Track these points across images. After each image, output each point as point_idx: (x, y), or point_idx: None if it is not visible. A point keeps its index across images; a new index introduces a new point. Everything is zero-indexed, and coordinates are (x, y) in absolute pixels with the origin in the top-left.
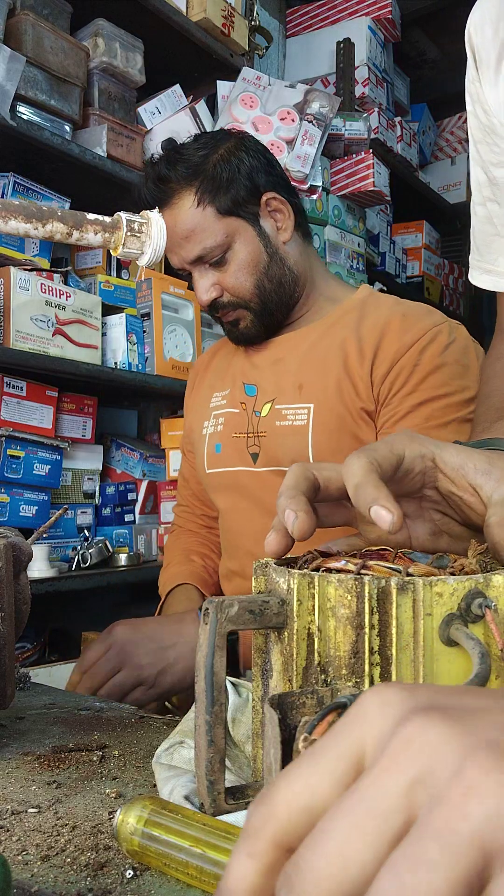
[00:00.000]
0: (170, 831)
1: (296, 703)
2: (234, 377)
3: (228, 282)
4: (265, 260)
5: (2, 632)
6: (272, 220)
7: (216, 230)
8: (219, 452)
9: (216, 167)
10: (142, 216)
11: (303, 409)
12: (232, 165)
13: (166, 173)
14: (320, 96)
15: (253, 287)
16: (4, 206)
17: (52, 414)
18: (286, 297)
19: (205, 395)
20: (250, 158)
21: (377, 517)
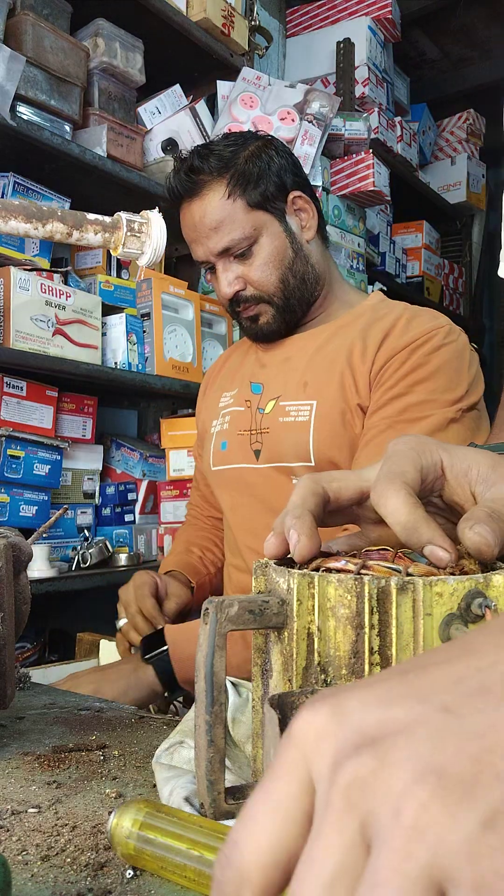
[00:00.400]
0: (166, 834)
1: (296, 703)
2: (243, 377)
3: (253, 275)
4: (290, 255)
5: (2, 632)
6: (297, 218)
7: (245, 222)
8: (224, 450)
9: (247, 162)
10: (142, 216)
11: (306, 405)
12: (262, 161)
13: (199, 165)
14: (320, 96)
15: (278, 281)
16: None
17: (52, 414)
18: (308, 293)
19: (215, 396)
20: (279, 158)
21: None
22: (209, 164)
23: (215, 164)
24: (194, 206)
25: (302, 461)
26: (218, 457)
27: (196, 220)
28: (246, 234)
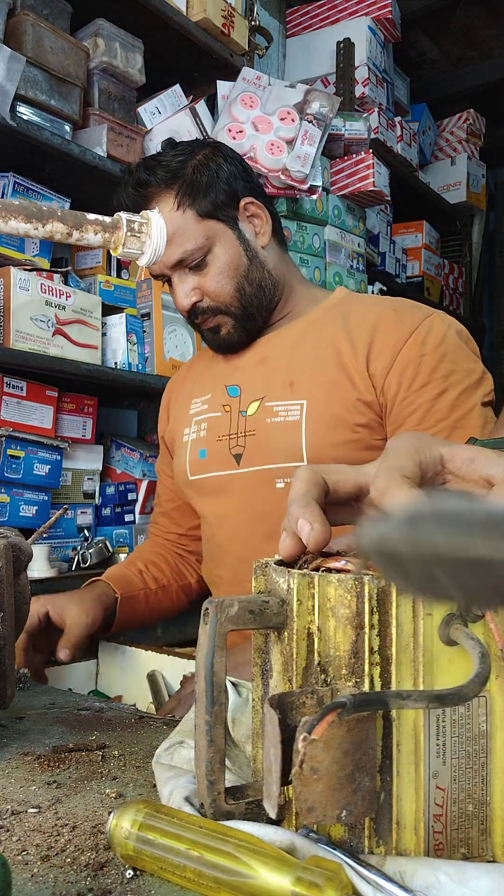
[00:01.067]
0: (165, 835)
1: (296, 703)
2: (215, 382)
3: (209, 285)
4: (245, 263)
5: (2, 632)
6: (251, 224)
7: (196, 233)
8: (203, 458)
9: (195, 171)
10: (142, 216)
11: (295, 405)
12: (210, 170)
13: (146, 178)
14: (320, 96)
15: (234, 290)
16: (4, 206)
17: (52, 414)
18: (266, 300)
19: (183, 403)
20: (228, 165)
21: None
22: (156, 176)
23: (162, 175)
24: None
25: (293, 461)
26: (196, 465)
27: None
28: (198, 244)
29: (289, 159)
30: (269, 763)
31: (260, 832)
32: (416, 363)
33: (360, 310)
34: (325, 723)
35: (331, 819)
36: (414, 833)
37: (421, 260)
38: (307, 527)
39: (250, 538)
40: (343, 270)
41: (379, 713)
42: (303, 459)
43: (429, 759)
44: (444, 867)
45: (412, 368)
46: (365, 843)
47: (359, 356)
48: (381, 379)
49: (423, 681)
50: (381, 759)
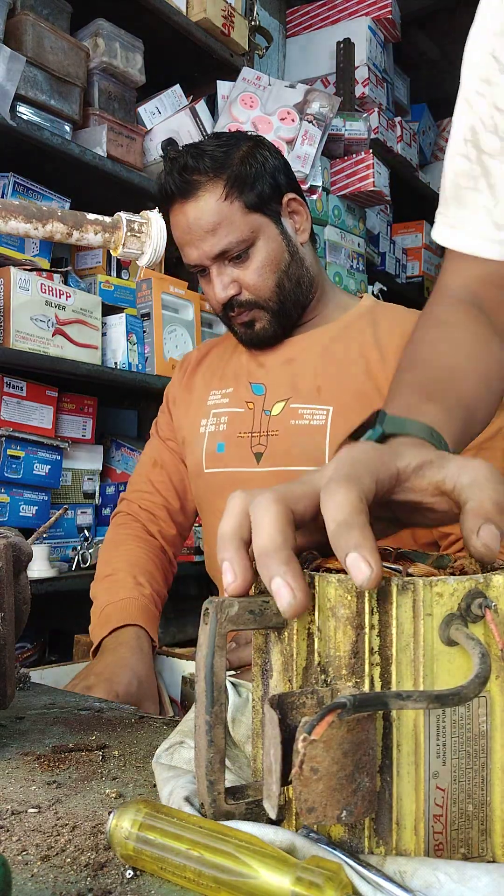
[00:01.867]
0: (165, 835)
1: (296, 704)
2: (238, 376)
3: (249, 279)
4: (286, 259)
5: (2, 632)
6: (292, 220)
7: (242, 225)
8: (221, 452)
9: (243, 163)
10: (142, 216)
11: (321, 409)
12: (258, 162)
13: (194, 165)
14: (320, 96)
15: (274, 285)
16: (4, 206)
17: (52, 414)
18: (303, 297)
19: (200, 392)
20: (272, 158)
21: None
22: (204, 163)
23: (210, 164)
24: (188, 208)
25: (315, 465)
26: (213, 459)
27: (190, 221)
28: (243, 237)
29: (289, 159)
30: (269, 763)
31: (260, 832)
32: None
33: (390, 319)
34: (325, 723)
35: (331, 819)
36: (414, 833)
37: (421, 260)
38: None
39: None
40: (343, 270)
41: (379, 713)
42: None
43: (429, 759)
44: (444, 867)
45: None
46: (365, 844)
47: (388, 366)
48: None
49: (424, 681)
50: (381, 759)
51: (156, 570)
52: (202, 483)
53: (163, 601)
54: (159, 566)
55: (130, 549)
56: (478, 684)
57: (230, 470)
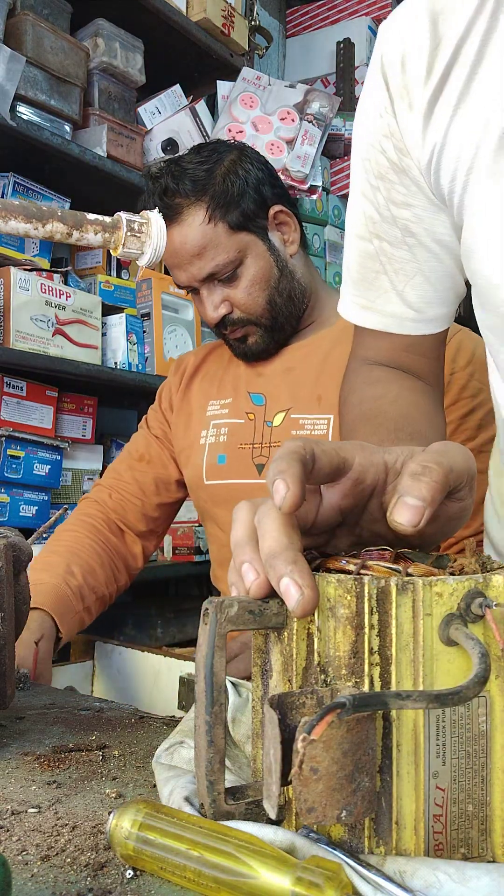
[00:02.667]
0: (165, 834)
1: (296, 704)
2: (237, 386)
3: (240, 298)
4: (276, 275)
5: (2, 632)
6: (279, 233)
7: (228, 246)
8: (222, 464)
9: (225, 181)
10: (142, 216)
11: (322, 419)
12: (240, 178)
13: (173, 188)
14: (320, 96)
15: (265, 303)
16: (4, 206)
17: (52, 414)
18: (296, 310)
19: (199, 401)
20: (256, 170)
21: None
22: (184, 186)
23: (191, 186)
24: (173, 232)
25: None
26: (214, 471)
27: (176, 246)
28: (230, 258)
29: (289, 159)
30: (268, 763)
31: (260, 832)
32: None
33: None
34: (324, 723)
35: (331, 819)
36: (414, 833)
37: None
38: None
39: None
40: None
41: (379, 713)
42: None
43: (429, 759)
44: (444, 867)
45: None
46: (365, 844)
47: None
48: None
49: (423, 681)
50: (381, 759)
51: (98, 567)
52: (203, 494)
53: (99, 597)
54: (105, 563)
55: (80, 538)
56: (477, 684)
57: (232, 482)
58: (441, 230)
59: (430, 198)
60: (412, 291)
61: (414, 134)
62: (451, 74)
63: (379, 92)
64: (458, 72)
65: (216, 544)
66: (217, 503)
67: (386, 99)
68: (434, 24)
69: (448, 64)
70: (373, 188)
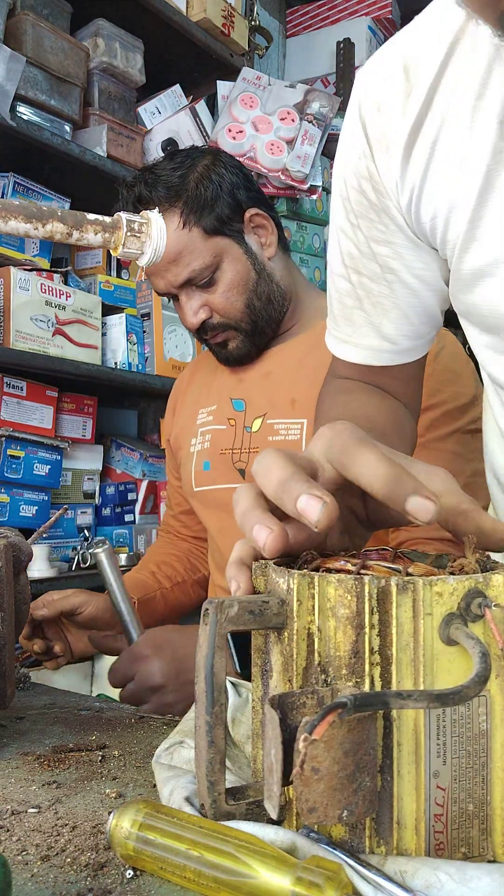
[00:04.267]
0: (166, 834)
1: (296, 704)
2: (220, 392)
3: (218, 302)
4: (253, 278)
5: (2, 632)
6: (256, 236)
7: (204, 251)
8: (207, 470)
9: (198, 186)
10: (142, 216)
11: (296, 424)
12: (213, 183)
13: (147, 196)
14: (320, 96)
15: (243, 306)
16: (4, 206)
17: (52, 414)
18: (275, 314)
19: (189, 411)
20: (230, 175)
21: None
22: (157, 193)
23: (164, 192)
24: None
25: None
26: (200, 477)
27: None
28: (206, 262)
29: (289, 159)
30: (269, 763)
31: (260, 832)
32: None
33: None
34: (325, 723)
35: (332, 819)
36: (415, 833)
37: None
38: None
39: None
40: None
41: (379, 713)
42: None
43: (429, 758)
44: (445, 867)
45: None
46: (366, 843)
47: None
48: None
49: (424, 680)
50: (382, 758)
51: (171, 559)
52: (194, 501)
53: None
54: (182, 558)
55: (153, 550)
56: (478, 683)
57: (216, 487)
58: (420, 266)
59: (410, 236)
60: (389, 325)
61: (393, 176)
62: (426, 118)
63: (357, 136)
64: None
65: (209, 549)
66: (206, 508)
67: (364, 143)
68: (406, 72)
69: (422, 108)
70: (353, 226)
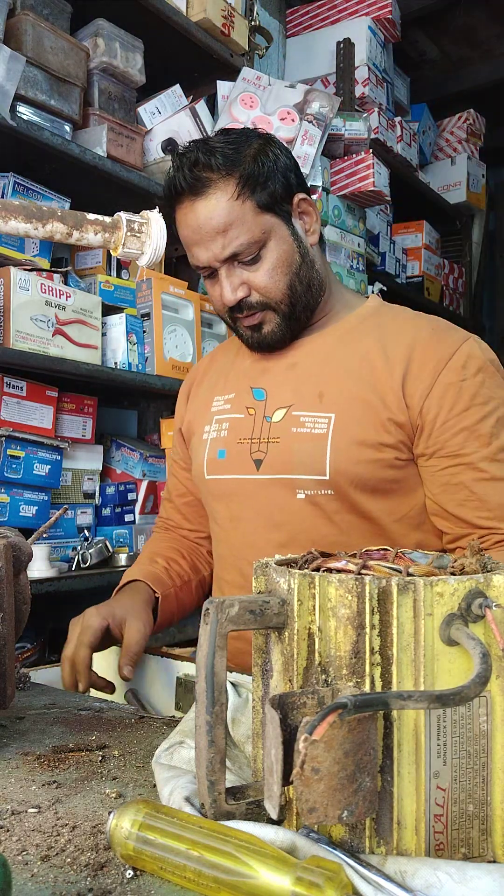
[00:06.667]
0: (165, 835)
1: (297, 704)
2: (239, 381)
3: (260, 281)
4: (297, 261)
5: (2, 632)
6: (302, 221)
7: (254, 226)
8: (222, 458)
9: (255, 160)
10: (142, 216)
11: (323, 417)
12: (269, 161)
13: (205, 161)
14: (320, 96)
15: (286, 287)
16: (4, 206)
17: (52, 414)
18: (312, 300)
19: (204, 398)
20: (283, 156)
21: None
22: (215, 160)
23: (221, 161)
24: (198, 207)
25: (315, 474)
26: (214, 466)
27: (200, 221)
28: (255, 238)
29: None
30: (270, 763)
31: (260, 832)
32: (456, 388)
33: (396, 325)
34: (326, 723)
35: (332, 819)
36: (415, 833)
37: (421, 260)
38: None
39: (266, 545)
40: (343, 270)
41: (380, 713)
42: (325, 474)
43: (430, 759)
44: (445, 867)
45: (453, 392)
46: (366, 843)
47: (394, 375)
48: (420, 400)
49: (424, 681)
50: (382, 759)
51: (179, 558)
52: (204, 489)
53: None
54: (185, 555)
55: (156, 542)
56: (479, 684)
57: (230, 477)
58: None
59: None
60: None
61: None
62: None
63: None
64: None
65: (215, 540)
66: (216, 498)
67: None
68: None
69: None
70: None
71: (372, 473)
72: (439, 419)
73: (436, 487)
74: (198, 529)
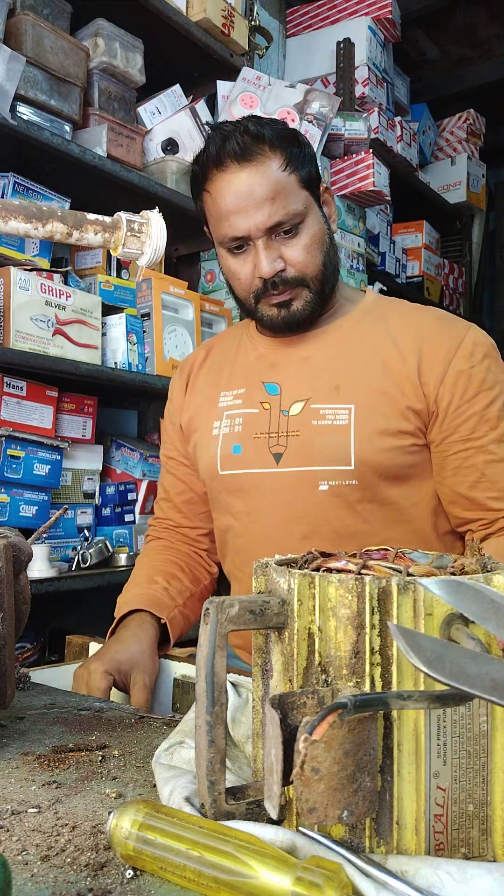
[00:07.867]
0: (165, 834)
1: (297, 704)
2: (249, 376)
3: (297, 255)
4: (327, 241)
5: (2, 632)
6: (326, 208)
7: (299, 198)
8: (238, 454)
9: (298, 140)
10: (142, 216)
11: (343, 409)
12: (307, 144)
13: (257, 131)
14: (320, 96)
15: (321, 264)
16: (4, 206)
17: (52, 414)
18: (331, 287)
19: (207, 393)
20: (310, 147)
21: None
22: (267, 132)
23: (272, 134)
24: (245, 174)
25: (340, 464)
26: (229, 461)
27: (246, 188)
28: (298, 210)
29: None
30: (270, 763)
31: (260, 832)
32: (467, 374)
33: (401, 316)
34: (326, 723)
35: (332, 819)
36: (415, 833)
37: (421, 260)
38: None
39: (287, 538)
40: (343, 270)
41: (380, 713)
42: (350, 464)
43: (430, 759)
44: (446, 866)
45: (464, 379)
46: (366, 843)
47: (409, 364)
48: (435, 388)
49: (424, 681)
50: (382, 759)
51: (176, 570)
52: (217, 484)
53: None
54: (184, 568)
55: (152, 557)
56: None
57: (249, 471)
58: None
59: None
60: None
61: None
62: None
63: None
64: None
65: (231, 534)
66: (232, 492)
67: None
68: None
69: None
70: None
71: (393, 461)
72: (452, 405)
73: (448, 471)
74: (199, 527)
